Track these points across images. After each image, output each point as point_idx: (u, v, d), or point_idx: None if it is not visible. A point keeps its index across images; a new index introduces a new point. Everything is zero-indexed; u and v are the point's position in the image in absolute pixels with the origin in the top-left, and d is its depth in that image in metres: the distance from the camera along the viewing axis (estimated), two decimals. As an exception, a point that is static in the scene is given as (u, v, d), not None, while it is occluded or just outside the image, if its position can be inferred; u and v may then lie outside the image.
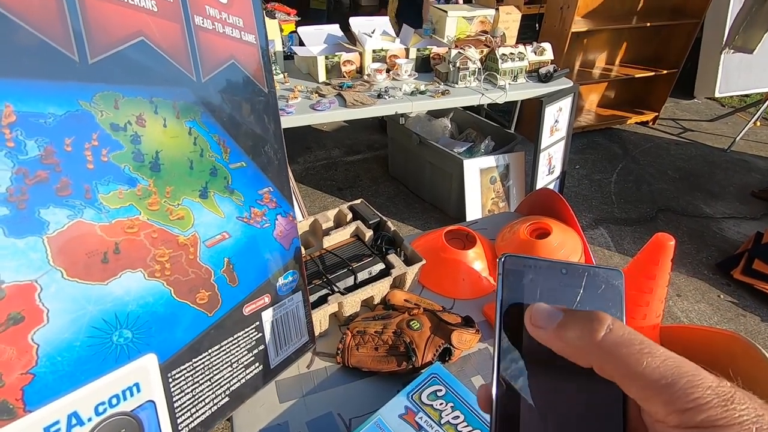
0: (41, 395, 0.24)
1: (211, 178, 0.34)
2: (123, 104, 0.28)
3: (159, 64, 0.30)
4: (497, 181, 2.36)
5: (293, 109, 1.86)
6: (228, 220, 0.35)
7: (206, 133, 0.34)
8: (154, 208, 0.30)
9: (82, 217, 0.26)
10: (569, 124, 2.37)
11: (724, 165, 3.17)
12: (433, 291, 0.98)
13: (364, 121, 3.46)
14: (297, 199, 1.61)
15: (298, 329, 0.42)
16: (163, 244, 0.30)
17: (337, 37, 2.27)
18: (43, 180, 0.25)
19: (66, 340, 0.25)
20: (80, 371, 0.25)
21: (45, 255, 0.24)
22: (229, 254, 0.35)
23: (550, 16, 3.02)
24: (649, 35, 3.45)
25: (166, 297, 0.30)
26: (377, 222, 1.01)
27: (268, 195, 0.39)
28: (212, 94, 0.34)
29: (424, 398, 0.69)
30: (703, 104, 4.13)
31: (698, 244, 2.43)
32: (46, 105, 0.25)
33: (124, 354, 0.28)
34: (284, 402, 0.74)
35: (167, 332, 0.30)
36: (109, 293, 0.27)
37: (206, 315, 0.33)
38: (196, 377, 0.32)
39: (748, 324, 1.98)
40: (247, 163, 0.37)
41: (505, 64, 2.20)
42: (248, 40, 0.37)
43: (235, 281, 0.36)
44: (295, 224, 0.42)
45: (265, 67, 0.39)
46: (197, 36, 0.32)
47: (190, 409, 0.32)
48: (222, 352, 0.35)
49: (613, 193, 2.85)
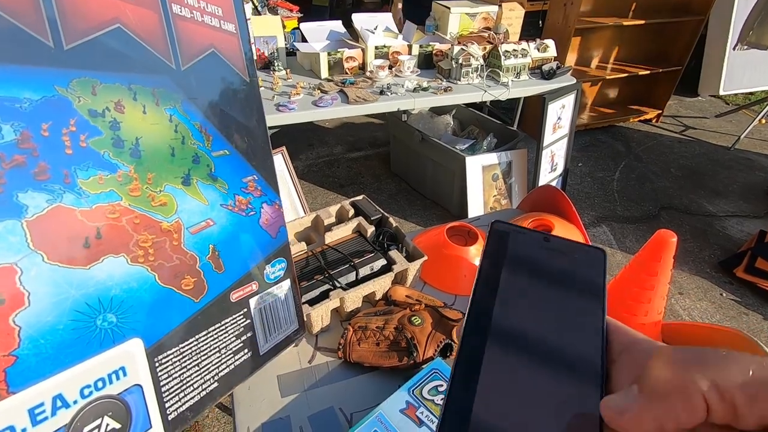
0: (25, 377, 0.24)
1: (193, 166, 0.34)
2: (101, 90, 0.28)
3: (136, 51, 0.30)
4: (499, 179, 2.36)
5: (295, 105, 1.86)
6: (212, 207, 0.35)
7: (187, 120, 0.34)
8: (135, 194, 0.30)
9: (62, 202, 0.26)
10: (572, 122, 2.36)
11: (727, 163, 3.16)
12: (435, 287, 0.98)
13: (366, 117, 3.46)
14: (299, 195, 1.61)
15: (287, 317, 0.42)
16: (146, 230, 0.31)
17: (340, 33, 2.26)
18: (20, 164, 0.25)
19: (49, 323, 0.25)
20: (64, 354, 0.25)
21: (24, 238, 0.24)
22: (215, 241, 0.35)
23: (553, 13, 3.00)
24: (653, 32, 3.43)
25: (150, 282, 0.30)
26: (379, 218, 1.01)
27: (253, 183, 0.40)
28: (192, 83, 0.34)
29: (426, 393, 0.69)
30: (708, 102, 4.11)
31: (701, 242, 2.42)
32: (21, 90, 0.25)
33: (108, 338, 0.28)
34: (286, 396, 0.75)
35: (153, 317, 0.30)
36: (91, 277, 0.27)
37: (192, 301, 0.33)
38: (184, 362, 0.32)
39: (751, 322, 1.97)
40: (230, 151, 0.37)
41: (508, 60, 2.19)
42: (228, 29, 0.37)
43: (221, 268, 0.36)
44: (282, 213, 0.42)
45: (246, 55, 0.39)
46: (175, 24, 0.32)
47: (178, 394, 0.32)
48: (210, 337, 0.35)
49: (616, 190, 2.84)
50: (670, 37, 3.45)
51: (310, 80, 2.11)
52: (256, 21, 2.15)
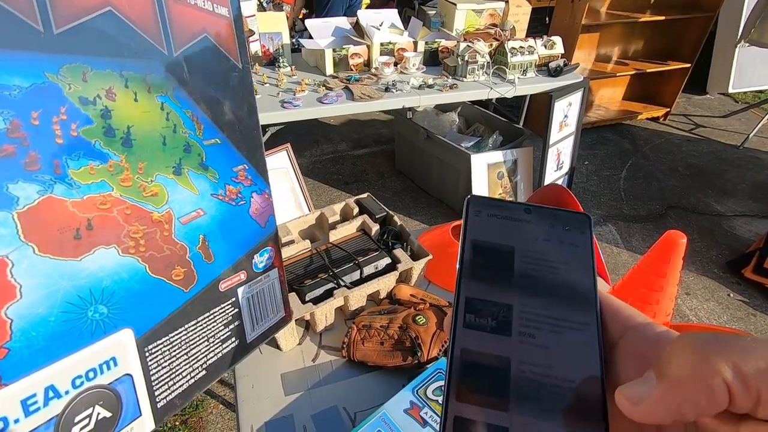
0: (17, 369, 0.24)
1: (185, 155, 0.34)
2: (92, 77, 0.27)
3: (128, 36, 0.29)
4: (505, 177, 2.34)
5: (300, 102, 1.85)
6: (203, 197, 0.35)
7: (179, 108, 0.33)
8: (126, 185, 0.30)
9: (53, 193, 0.26)
10: (579, 120, 2.34)
11: (736, 162, 3.12)
12: (440, 286, 0.97)
13: (371, 115, 3.45)
14: (303, 192, 1.61)
15: (274, 305, 0.42)
16: (137, 221, 0.30)
17: (345, 29, 2.25)
18: (10, 154, 0.24)
19: (40, 315, 0.25)
20: (56, 345, 0.25)
21: (15, 230, 0.24)
22: (205, 231, 0.35)
23: (560, 9, 2.97)
24: (661, 29, 3.39)
25: (141, 273, 0.30)
26: (384, 216, 1.00)
27: (244, 172, 0.39)
28: (184, 69, 0.33)
29: (430, 393, 0.69)
30: (716, 100, 4.06)
31: (708, 242, 2.39)
32: (11, 76, 0.24)
33: (99, 329, 0.28)
34: (289, 395, 0.75)
35: (143, 308, 0.30)
36: (83, 269, 0.27)
37: (182, 291, 0.33)
38: (173, 351, 0.33)
39: (759, 323, 1.95)
40: (221, 140, 0.37)
41: (515, 57, 2.17)
42: (221, 13, 0.36)
43: (210, 258, 0.36)
44: (271, 202, 0.41)
45: (238, 41, 0.38)
46: (168, 7, 0.31)
47: (168, 382, 0.32)
48: (199, 327, 0.35)
49: (623, 189, 2.82)
50: (679, 35, 3.41)
51: (315, 77, 2.10)
52: (261, 17, 2.14)
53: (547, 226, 0.28)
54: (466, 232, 0.28)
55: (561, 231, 0.28)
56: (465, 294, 0.25)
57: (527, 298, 0.25)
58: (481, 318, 0.25)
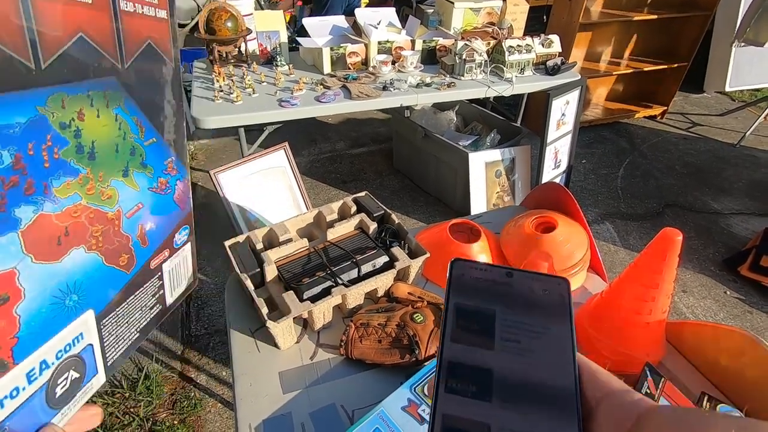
0: (24, 352, 0.30)
1: (131, 158, 0.37)
2: (68, 102, 0.30)
3: (93, 57, 0.32)
4: (502, 175, 2.35)
5: (298, 101, 1.85)
6: (142, 192, 0.39)
7: (128, 116, 0.36)
8: (91, 193, 0.34)
9: (43, 210, 0.30)
10: (576, 118, 2.35)
11: (733, 160, 3.13)
12: (437, 284, 0.98)
13: (369, 113, 3.45)
14: (301, 191, 1.61)
15: (186, 273, 0.50)
16: (98, 222, 0.35)
17: (343, 28, 2.25)
18: (15, 184, 0.28)
19: (36, 308, 0.30)
20: (46, 330, 0.32)
21: (20, 246, 0.29)
22: (143, 221, 0.40)
23: (558, 8, 2.97)
24: (659, 28, 3.39)
25: (99, 264, 0.35)
26: (381, 215, 1.00)
27: (171, 164, 0.43)
28: (133, 78, 0.36)
29: (427, 391, 0.69)
30: (713, 98, 4.07)
31: (705, 239, 2.40)
32: (14, 115, 0.27)
33: (72, 313, 0.34)
34: (287, 393, 0.75)
35: (100, 291, 0.36)
36: (62, 268, 0.32)
37: (125, 273, 0.39)
38: (118, 321, 0.39)
39: (755, 321, 1.96)
40: (157, 138, 0.40)
41: (512, 56, 2.17)
42: (161, 17, 0.38)
43: (146, 243, 0.41)
44: (189, 185, 0.47)
45: (172, 37, 0.40)
46: (122, 21, 0.34)
47: (114, 346, 0.39)
48: (135, 300, 0.41)
49: (620, 187, 2.83)
50: (676, 33, 3.42)
51: (312, 76, 2.10)
52: (258, 16, 2.14)
53: (527, 289, 0.29)
54: (449, 293, 0.29)
55: (541, 294, 0.29)
56: (447, 358, 0.26)
57: (507, 364, 0.26)
58: (462, 383, 0.25)
